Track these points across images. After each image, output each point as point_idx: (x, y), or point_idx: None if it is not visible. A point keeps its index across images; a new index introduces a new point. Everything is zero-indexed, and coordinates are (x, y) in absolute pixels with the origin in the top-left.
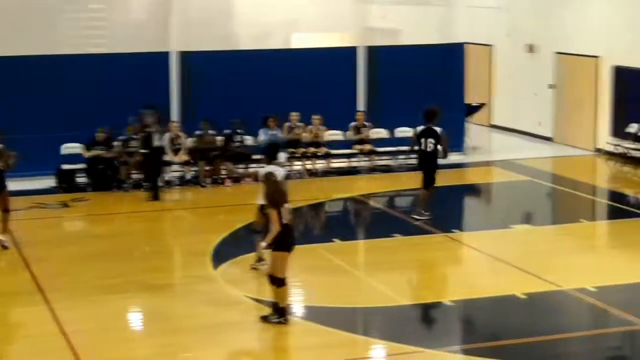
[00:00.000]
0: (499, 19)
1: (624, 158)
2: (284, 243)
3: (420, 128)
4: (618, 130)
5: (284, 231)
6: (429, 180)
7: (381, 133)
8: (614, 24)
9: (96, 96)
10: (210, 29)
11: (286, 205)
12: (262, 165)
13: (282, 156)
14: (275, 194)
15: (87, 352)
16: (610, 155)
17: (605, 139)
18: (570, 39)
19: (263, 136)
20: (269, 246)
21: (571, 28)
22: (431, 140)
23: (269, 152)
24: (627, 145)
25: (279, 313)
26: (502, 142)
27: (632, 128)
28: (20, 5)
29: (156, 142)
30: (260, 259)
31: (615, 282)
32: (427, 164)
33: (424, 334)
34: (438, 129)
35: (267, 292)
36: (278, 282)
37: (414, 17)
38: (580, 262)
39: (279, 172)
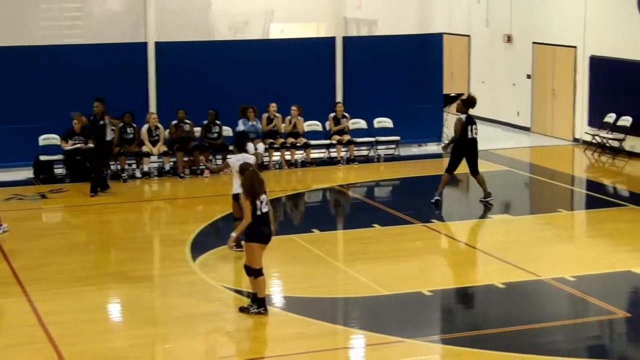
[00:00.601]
0: (477, 10)
1: (601, 148)
2: (257, 234)
3: (464, 117)
4: (596, 120)
5: (257, 222)
6: (476, 166)
7: (360, 124)
8: (591, 14)
9: (73, 87)
10: (187, 19)
11: (263, 197)
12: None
13: (250, 147)
14: (252, 185)
15: (66, 343)
16: (588, 145)
17: (583, 129)
18: (547, 29)
19: (242, 127)
20: (244, 237)
21: (549, 18)
22: (475, 127)
23: (238, 143)
24: (605, 135)
25: (258, 303)
26: (480, 132)
27: (610, 118)
28: None
29: (108, 136)
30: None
31: (594, 272)
32: (475, 151)
33: (403, 323)
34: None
35: (246, 283)
36: (254, 273)
37: (391, 7)
38: (559, 252)
39: (237, 162)
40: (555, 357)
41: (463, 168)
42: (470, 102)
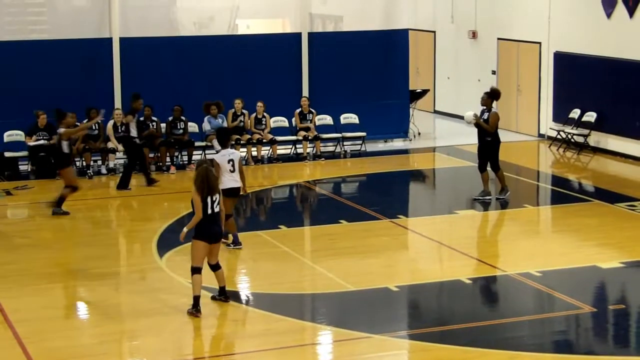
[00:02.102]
0: (442, 6)
1: (566, 143)
2: (203, 232)
3: (497, 110)
4: (561, 116)
5: (206, 221)
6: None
7: (326, 119)
8: (556, 10)
9: (38, 83)
10: (152, 14)
11: (216, 196)
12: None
13: (216, 143)
14: (202, 182)
15: (33, 341)
16: (553, 140)
17: (548, 125)
18: (512, 25)
19: (208, 125)
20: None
21: (513, 14)
22: None
23: (220, 138)
24: (570, 130)
25: (193, 302)
26: (446, 128)
27: (575, 113)
28: None
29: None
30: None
31: (559, 266)
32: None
33: (371, 319)
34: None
35: (212, 280)
36: (192, 270)
37: (356, 3)
38: (525, 247)
39: (223, 158)
40: (521, 352)
41: (417, 165)
42: (496, 94)
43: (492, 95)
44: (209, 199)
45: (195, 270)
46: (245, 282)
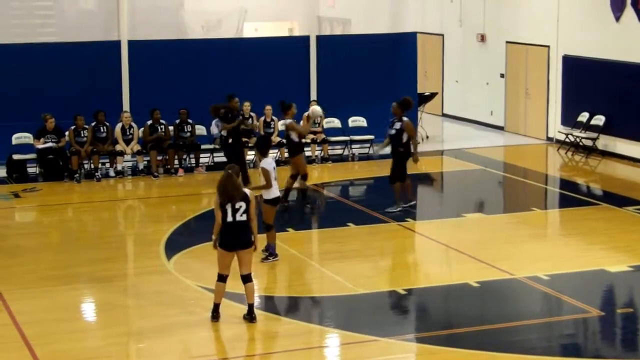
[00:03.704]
0: (450, 9)
1: (575, 147)
2: (221, 240)
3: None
4: (569, 119)
5: (226, 229)
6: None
7: (334, 122)
8: (564, 13)
9: (46, 85)
10: (160, 17)
11: (238, 204)
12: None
13: None
14: (220, 187)
15: (40, 343)
16: (562, 144)
17: (557, 128)
18: (520, 28)
19: (216, 128)
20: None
21: (522, 18)
22: None
23: (263, 147)
24: (578, 134)
25: (213, 307)
26: (454, 131)
27: (583, 117)
28: None
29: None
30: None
31: (568, 270)
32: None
33: (378, 322)
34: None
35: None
36: (218, 277)
37: (365, 7)
38: (533, 250)
39: (270, 165)
40: (529, 356)
41: (425, 168)
42: (407, 104)
43: (404, 105)
44: (228, 207)
45: (219, 278)
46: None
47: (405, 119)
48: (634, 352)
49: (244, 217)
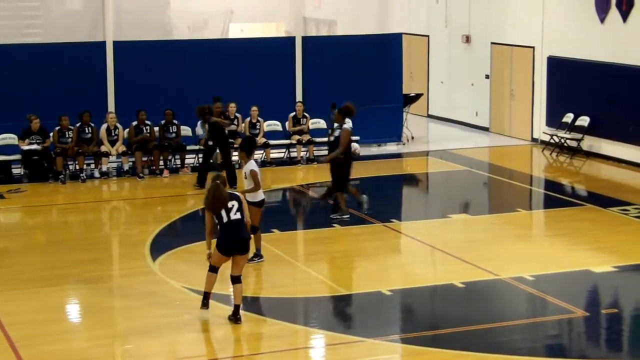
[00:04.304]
0: (436, 10)
1: (560, 148)
2: (220, 244)
3: (350, 127)
4: (554, 120)
5: (223, 231)
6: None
7: (319, 123)
8: (549, 15)
9: (31, 86)
10: (146, 18)
11: (231, 203)
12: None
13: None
14: (208, 199)
15: (25, 344)
16: (547, 144)
17: (542, 129)
18: (505, 29)
19: (201, 128)
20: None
21: (507, 19)
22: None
23: (248, 147)
24: (563, 135)
25: (203, 297)
26: (439, 132)
27: (568, 118)
28: None
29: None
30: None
31: (552, 271)
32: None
33: (363, 323)
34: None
35: (201, 283)
36: (209, 267)
37: (350, 8)
38: (518, 251)
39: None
40: (514, 356)
41: (411, 169)
42: (349, 111)
43: (345, 111)
44: (223, 211)
45: (211, 269)
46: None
47: (345, 126)
48: (618, 352)
49: (238, 215)
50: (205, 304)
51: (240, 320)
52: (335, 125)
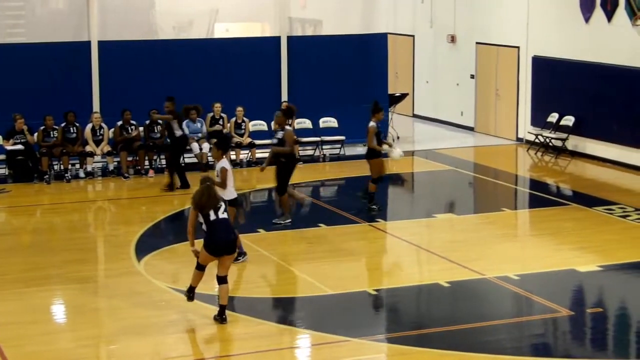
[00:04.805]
0: (421, 10)
1: (544, 147)
2: (209, 245)
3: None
4: (539, 120)
5: (210, 230)
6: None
7: (305, 123)
8: (534, 15)
9: (16, 86)
10: (131, 18)
11: (219, 204)
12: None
13: (195, 146)
14: (200, 199)
15: (11, 345)
16: (532, 144)
17: (527, 129)
18: (490, 29)
19: (186, 128)
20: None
21: (492, 19)
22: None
23: (224, 145)
24: (548, 134)
25: (188, 289)
26: (424, 132)
27: (553, 117)
28: None
29: (177, 132)
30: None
31: (538, 270)
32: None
33: (349, 323)
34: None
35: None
36: (196, 266)
37: (336, 8)
38: (503, 251)
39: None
40: (499, 356)
41: (396, 168)
42: (290, 112)
43: (287, 113)
44: (211, 210)
45: (198, 267)
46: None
47: (287, 127)
48: (603, 351)
49: (225, 215)
50: (190, 297)
51: (226, 321)
52: (277, 128)
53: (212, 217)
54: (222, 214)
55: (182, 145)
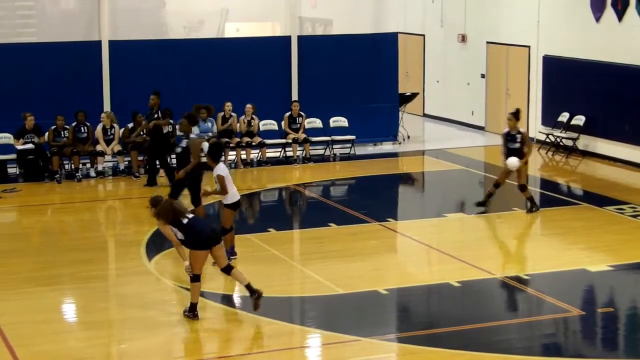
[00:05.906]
0: (431, 10)
1: (555, 147)
2: (195, 242)
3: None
4: (549, 119)
5: (192, 229)
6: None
7: (315, 123)
8: (544, 14)
9: (27, 86)
10: (141, 17)
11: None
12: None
13: (205, 146)
14: (170, 215)
15: (21, 344)
16: (542, 144)
17: (537, 128)
18: (501, 29)
19: (197, 128)
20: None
21: (502, 18)
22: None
23: (216, 154)
24: (559, 134)
25: (190, 308)
26: (435, 131)
27: (564, 117)
28: None
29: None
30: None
31: (548, 270)
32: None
33: (359, 322)
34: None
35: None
36: (193, 278)
37: (346, 7)
38: (514, 250)
39: (226, 170)
40: (510, 355)
41: (407, 168)
42: (193, 118)
43: (192, 119)
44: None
45: (195, 279)
46: (235, 285)
47: (192, 135)
48: (614, 351)
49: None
50: (196, 315)
51: (258, 294)
52: (181, 135)
53: (184, 220)
54: (189, 214)
55: (168, 142)
